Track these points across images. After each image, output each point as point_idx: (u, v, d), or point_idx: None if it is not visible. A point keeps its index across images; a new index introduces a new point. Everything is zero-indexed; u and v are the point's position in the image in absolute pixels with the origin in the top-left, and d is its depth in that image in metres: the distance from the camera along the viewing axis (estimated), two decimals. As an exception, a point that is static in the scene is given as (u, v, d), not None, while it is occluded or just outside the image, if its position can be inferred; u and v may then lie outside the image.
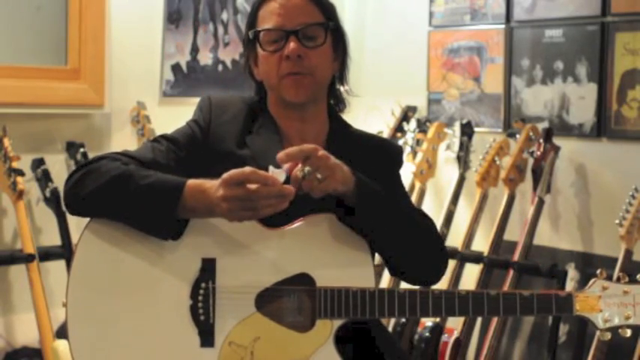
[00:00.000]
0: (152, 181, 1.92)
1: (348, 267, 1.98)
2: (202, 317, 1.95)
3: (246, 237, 1.98)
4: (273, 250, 1.98)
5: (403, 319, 3.75)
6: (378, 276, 3.73)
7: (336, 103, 2.20)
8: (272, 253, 1.98)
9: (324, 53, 2.09)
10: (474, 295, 1.99)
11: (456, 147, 3.98)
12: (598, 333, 2.02)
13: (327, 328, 1.95)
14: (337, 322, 1.96)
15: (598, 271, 2.04)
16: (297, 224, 1.99)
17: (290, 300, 1.97)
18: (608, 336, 2.01)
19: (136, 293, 1.96)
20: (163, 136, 2.11)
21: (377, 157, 2.15)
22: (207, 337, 1.95)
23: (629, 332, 2.01)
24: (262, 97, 2.17)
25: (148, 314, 1.95)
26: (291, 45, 2.04)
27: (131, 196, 1.92)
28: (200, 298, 1.95)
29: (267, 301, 1.96)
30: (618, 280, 2.03)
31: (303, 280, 1.97)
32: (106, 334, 1.95)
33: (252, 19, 2.12)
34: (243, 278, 1.96)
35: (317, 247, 1.98)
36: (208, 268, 1.96)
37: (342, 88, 2.19)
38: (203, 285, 1.96)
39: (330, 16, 2.11)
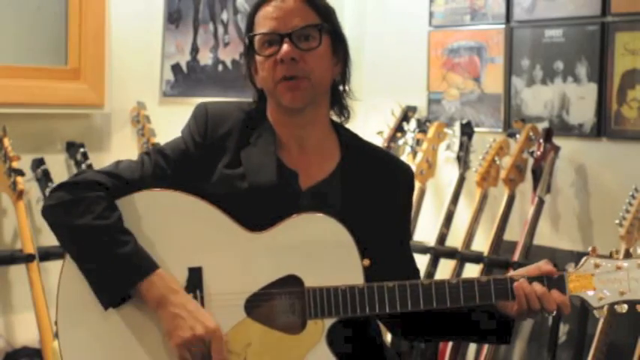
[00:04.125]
0: (125, 251, 1.92)
1: (335, 265, 1.96)
2: None
3: (231, 243, 1.97)
4: (259, 253, 1.97)
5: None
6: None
7: (340, 111, 2.14)
8: (258, 257, 1.97)
9: (320, 56, 2.04)
10: (464, 284, 1.98)
11: (456, 147, 3.98)
12: (595, 312, 2.00)
13: (318, 328, 1.95)
14: (329, 322, 1.95)
15: (590, 249, 2.02)
16: (280, 226, 1.98)
17: (279, 303, 1.96)
18: (604, 313, 1.99)
19: (125, 306, 1.95)
20: (156, 150, 2.08)
21: (393, 178, 2.12)
22: None
23: (625, 307, 1.99)
24: (261, 105, 2.13)
25: (138, 326, 1.95)
26: (284, 47, 2.00)
27: (98, 256, 1.93)
28: None
29: (257, 305, 1.96)
30: (611, 256, 2.01)
31: (291, 281, 1.96)
32: (97, 349, 1.95)
33: (250, 25, 2.09)
34: (231, 285, 1.96)
35: (302, 248, 1.97)
36: (195, 278, 1.96)
37: (344, 94, 2.14)
38: (191, 295, 1.95)
39: (326, 18, 2.07)
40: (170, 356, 1.93)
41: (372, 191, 2.07)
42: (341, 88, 2.13)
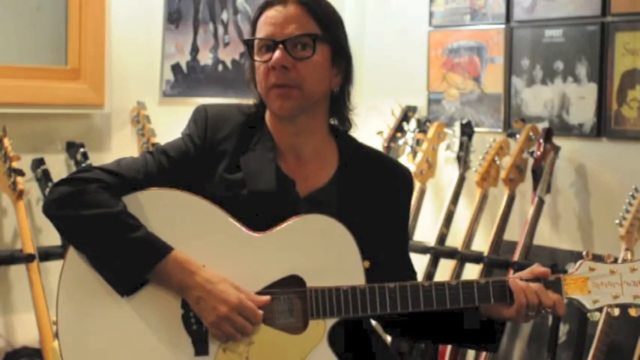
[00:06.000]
0: (139, 235, 1.93)
1: (336, 266, 1.98)
2: (195, 326, 1.96)
3: (234, 243, 1.98)
4: (261, 253, 1.98)
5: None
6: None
7: (340, 122, 2.13)
8: (260, 257, 1.97)
9: (314, 65, 2.01)
10: (464, 285, 2.00)
11: (456, 147, 3.98)
12: (589, 315, 2.04)
13: (320, 328, 1.96)
14: (330, 322, 1.96)
15: (584, 253, 2.06)
16: (282, 227, 1.99)
17: (281, 302, 1.97)
18: (597, 316, 2.04)
19: (127, 305, 1.96)
20: (159, 150, 2.08)
21: (391, 182, 2.12)
22: (200, 346, 1.95)
23: (617, 311, 2.04)
24: (261, 108, 2.12)
25: (140, 325, 1.95)
26: (276, 54, 1.99)
27: (111, 243, 1.94)
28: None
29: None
30: (605, 260, 2.05)
31: (293, 281, 1.97)
32: (98, 348, 1.95)
33: (252, 29, 2.08)
34: None
35: (304, 248, 1.98)
36: None
37: (344, 106, 2.11)
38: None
39: (327, 28, 2.04)
40: (177, 341, 1.94)
41: (370, 197, 2.07)
42: (340, 101, 2.11)
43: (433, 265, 3.87)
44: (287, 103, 2.02)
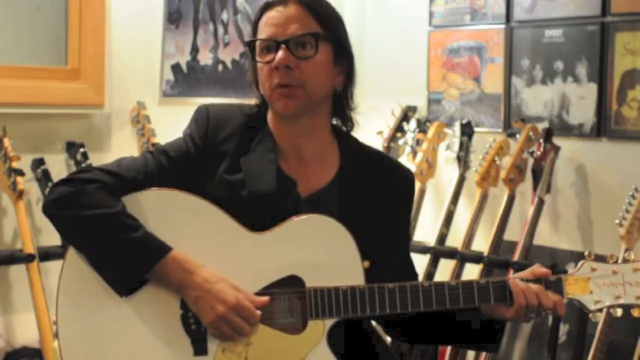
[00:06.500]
0: (138, 235, 1.94)
1: (336, 266, 1.98)
2: (194, 326, 1.96)
3: (233, 243, 1.98)
4: (261, 253, 1.98)
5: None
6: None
7: (343, 122, 2.13)
8: (259, 257, 1.98)
9: (316, 65, 2.02)
10: (463, 285, 2.00)
11: (456, 147, 3.98)
12: (590, 315, 2.03)
13: (319, 328, 1.96)
14: (329, 322, 1.96)
15: (586, 253, 2.06)
16: (282, 227, 1.99)
17: (280, 303, 1.97)
18: (599, 317, 2.04)
19: (126, 305, 1.96)
20: (160, 150, 2.08)
21: (393, 183, 2.12)
22: (199, 346, 1.95)
23: (619, 312, 2.03)
24: (263, 109, 2.12)
25: (139, 325, 1.95)
26: (279, 54, 2.00)
27: (110, 243, 1.94)
28: None
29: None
30: (607, 260, 2.04)
31: (292, 281, 1.97)
32: (97, 348, 1.95)
33: (254, 30, 2.08)
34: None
35: (304, 248, 1.98)
36: None
37: (346, 106, 2.12)
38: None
39: (328, 27, 2.05)
40: (176, 341, 1.94)
41: (371, 198, 2.07)
42: (343, 100, 2.11)
43: (433, 265, 3.87)
44: (291, 103, 2.02)
